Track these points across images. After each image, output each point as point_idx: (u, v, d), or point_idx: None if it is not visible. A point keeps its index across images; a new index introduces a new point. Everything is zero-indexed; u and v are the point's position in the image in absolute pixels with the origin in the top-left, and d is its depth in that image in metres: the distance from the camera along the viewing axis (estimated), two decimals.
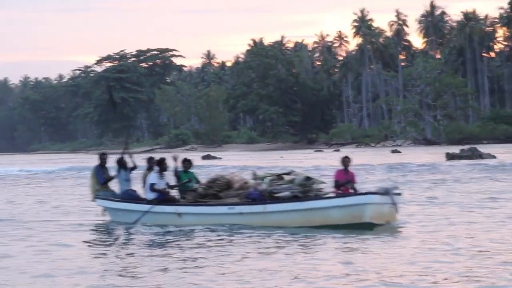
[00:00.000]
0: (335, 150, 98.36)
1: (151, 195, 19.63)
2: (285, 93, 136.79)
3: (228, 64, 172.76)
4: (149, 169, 20.35)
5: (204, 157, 75.06)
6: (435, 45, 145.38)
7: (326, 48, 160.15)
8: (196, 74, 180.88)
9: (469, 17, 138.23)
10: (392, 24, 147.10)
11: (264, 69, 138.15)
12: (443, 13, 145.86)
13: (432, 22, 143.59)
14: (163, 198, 19.59)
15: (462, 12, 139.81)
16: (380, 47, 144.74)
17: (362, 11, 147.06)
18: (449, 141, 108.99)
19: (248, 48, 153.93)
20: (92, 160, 28.38)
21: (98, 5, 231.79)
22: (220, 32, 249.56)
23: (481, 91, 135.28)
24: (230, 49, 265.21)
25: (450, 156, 50.54)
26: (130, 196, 20.24)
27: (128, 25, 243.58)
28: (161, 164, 19.82)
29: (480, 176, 35.41)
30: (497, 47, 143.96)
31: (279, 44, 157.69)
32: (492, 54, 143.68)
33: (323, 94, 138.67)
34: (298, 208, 18.21)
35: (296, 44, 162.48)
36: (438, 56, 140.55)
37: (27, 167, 63.33)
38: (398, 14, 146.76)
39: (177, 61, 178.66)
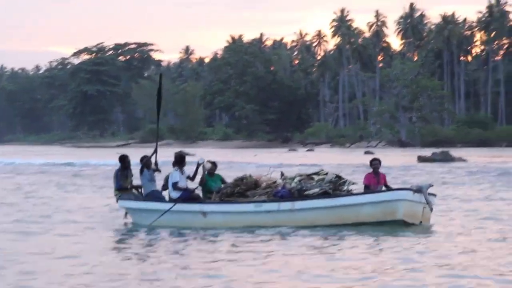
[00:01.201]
0: (308, 150, 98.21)
1: (175, 194, 18.80)
2: (262, 91, 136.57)
3: (207, 60, 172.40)
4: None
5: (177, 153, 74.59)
6: (413, 47, 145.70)
7: (304, 47, 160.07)
8: (174, 69, 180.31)
9: (448, 20, 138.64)
10: (371, 25, 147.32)
11: (242, 66, 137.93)
12: (422, 15, 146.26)
13: (411, 24, 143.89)
14: (187, 196, 18.80)
15: (441, 15, 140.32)
16: (358, 48, 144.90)
17: (342, 11, 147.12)
18: (423, 143, 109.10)
19: (227, 44, 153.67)
20: (66, 152, 27.91)
21: None
22: (200, 28, 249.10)
23: (457, 95, 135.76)
24: (209, 45, 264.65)
25: (422, 159, 50.64)
26: (154, 197, 19.27)
27: (107, 18, 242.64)
28: (180, 161, 19.01)
29: (449, 180, 35.35)
30: (475, 51, 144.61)
31: (258, 42, 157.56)
32: (470, 58, 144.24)
33: (300, 93, 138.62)
34: (328, 205, 17.57)
35: (275, 42, 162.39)
36: (416, 58, 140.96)
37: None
38: (377, 15, 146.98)
39: (156, 55, 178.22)
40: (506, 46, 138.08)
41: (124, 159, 19.82)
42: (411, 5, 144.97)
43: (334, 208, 17.48)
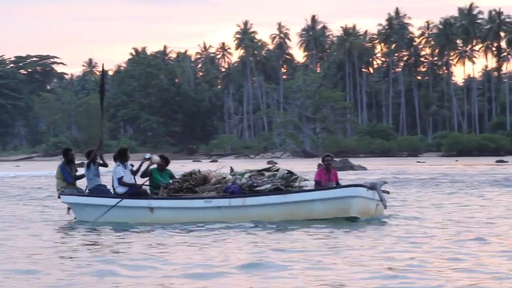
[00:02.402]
0: (212, 161, 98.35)
1: (121, 189, 18.08)
2: (167, 103, 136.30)
3: (110, 73, 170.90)
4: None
5: (79, 165, 73.79)
6: (315, 59, 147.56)
7: (209, 59, 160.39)
8: (77, 82, 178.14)
9: (349, 33, 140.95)
10: (274, 37, 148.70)
11: (145, 78, 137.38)
12: (324, 27, 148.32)
13: (313, 36, 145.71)
14: (134, 191, 18.10)
15: (342, 27, 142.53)
16: (262, 60, 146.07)
17: (245, 24, 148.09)
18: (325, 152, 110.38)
19: (130, 57, 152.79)
20: None
21: None
22: (103, 41, 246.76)
23: (359, 106, 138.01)
24: (112, 58, 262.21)
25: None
26: (99, 192, 18.39)
27: (7, 31, 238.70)
28: (122, 155, 18.35)
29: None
30: (376, 62, 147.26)
31: (162, 54, 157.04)
32: (371, 70, 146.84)
33: (204, 105, 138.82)
34: (280, 201, 17.07)
35: (179, 54, 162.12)
36: (319, 70, 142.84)
37: None
38: (280, 27, 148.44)
39: (58, 68, 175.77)
40: (405, 57, 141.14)
41: (67, 153, 19.14)
42: (313, 17, 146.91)
43: (286, 204, 17.05)
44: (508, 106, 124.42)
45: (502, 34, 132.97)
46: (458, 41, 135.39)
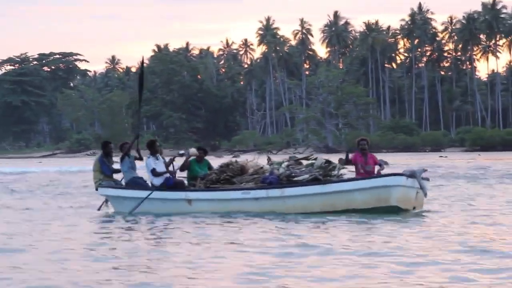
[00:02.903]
0: (233, 156, 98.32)
1: (157, 181, 18.08)
2: (189, 100, 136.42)
3: (133, 70, 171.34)
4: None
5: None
6: (338, 54, 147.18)
7: (231, 56, 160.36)
8: (100, 79, 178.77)
9: (372, 28, 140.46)
10: (297, 33, 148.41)
11: (168, 75, 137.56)
12: (347, 23, 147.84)
13: (336, 32, 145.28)
14: (171, 183, 18.09)
15: (364, 22, 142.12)
16: (284, 56, 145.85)
17: (267, 20, 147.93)
18: (349, 149, 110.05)
19: (153, 54, 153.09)
20: None
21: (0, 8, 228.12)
22: (126, 38, 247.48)
23: (382, 101, 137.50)
24: (135, 55, 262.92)
25: (343, 162, 51.26)
26: (136, 184, 18.43)
27: (31, 29, 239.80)
28: (151, 147, 18.39)
29: None
30: (399, 58, 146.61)
31: (185, 51, 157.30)
32: (394, 65, 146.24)
33: (227, 101, 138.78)
34: (319, 192, 16.86)
35: (202, 51, 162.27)
36: (341, 65, 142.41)
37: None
38: (302, 23, 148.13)
39: (81, 65, 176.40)
40: (428, 53, 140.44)
41: (106, 145, 19.24)
42: (336, 13, 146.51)
43: (326, 194, 16.86)
44: None
45: None
46: (482, 36, 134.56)
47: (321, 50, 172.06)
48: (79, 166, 57.98)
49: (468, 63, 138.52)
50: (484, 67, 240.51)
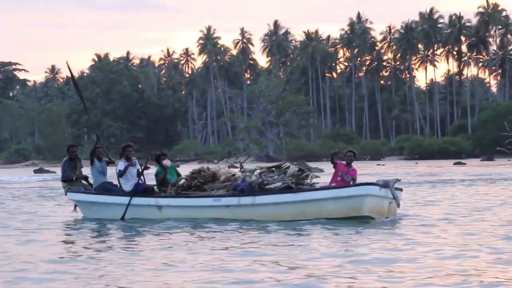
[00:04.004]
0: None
1: (128, 187, 17.92)
2: (130, 109, 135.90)
3: None
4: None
5: (36, 171, 73.75)
6: (279, 64, 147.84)
7: (172, 65, 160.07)
8: (40, 89, 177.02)
9: (312, 37, 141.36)
10: (237, 42, 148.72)
11: (108, 84, 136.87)
12: (287, 32, 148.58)
13: (276, 41, 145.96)
14: (142, 189, 17.92)
15: (304, 32, 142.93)
16: (225, 65, 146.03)
17: (208, 29, 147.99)
18: (290, 158, 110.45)
19: (93, 63, 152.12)
20: None
21: None
22: (66, 48, 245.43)
23: (323, 110, 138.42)
24: (76, 64, 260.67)
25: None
26: (105, 189, 18.24)
27: None
28: (123, 150, 18.23)
29: None
30: (339, 67, 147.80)
31: (125, 60, 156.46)
32: (334, 75, 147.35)
33: (168, 111, 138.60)
34: (291, 200, 16.66)
35: (143, 60, 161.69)
36: (282, 75, 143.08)
37: None
38: (243, 32, 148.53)
39: (21, 75, 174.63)
40: (368, 62, 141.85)
41: (68, 149, 18.96)
42: (276, 22, 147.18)
43: (298, 203, 16.65)
44: (469, 110, 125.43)
45: (462, 38, 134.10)
46: (420, 46, 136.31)
47: (262, 60, 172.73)
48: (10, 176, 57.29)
49: (407, 72, 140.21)
50: (423, 76, 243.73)
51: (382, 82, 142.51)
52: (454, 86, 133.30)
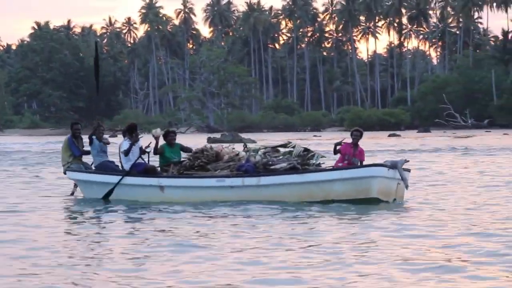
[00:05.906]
0: (111, 136, 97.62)
1: (129, 166, 17.13)
2: (70, 78, 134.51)
3: (13, 47, 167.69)
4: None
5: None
6: (221, 34, 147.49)
7: (114, 35, 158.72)
8: None
9: (254, 8, 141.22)
10: (180, 12, 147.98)
11: (48, 53, 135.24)
12: (229, 3, 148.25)
13: (218, 11, 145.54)
14: (143, 168, 17.19)
15: (246, 2, 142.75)
16: (167, 35, 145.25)
17: None
18: (231, 129, 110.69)
19: (32, 31, 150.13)
20: None
21: None
22: (5, 15, 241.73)
23: (265, 81, 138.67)
24: (15, 32, 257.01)
25: (211, 140, 52.47)
26: (106, 168, 17.52)
27: None
28: (129, 130, 17.30)
29: None
30: (282, 38, 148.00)
31: (66, 29, 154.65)
32: (277, 46, 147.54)
33: (109, 80, 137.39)
34: (297, 181, 16.20)
35: (84, 29, 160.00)
36: (225, 46, 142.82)
37: None
38: (184, 2, 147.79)
39: None
40: (310, 33, 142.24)
41: (72, 126, 18.24)
42: None
43: (304, 184, 16.21)
44: (409, 82, 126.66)
45: (403, 10, 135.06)
46: (362, 17, 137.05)
47: (205, 30, 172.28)
48: None
49: (348, 44, 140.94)
50: (365, 49, 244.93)
51: (324, 53, 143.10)
52: (395, 58, 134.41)
